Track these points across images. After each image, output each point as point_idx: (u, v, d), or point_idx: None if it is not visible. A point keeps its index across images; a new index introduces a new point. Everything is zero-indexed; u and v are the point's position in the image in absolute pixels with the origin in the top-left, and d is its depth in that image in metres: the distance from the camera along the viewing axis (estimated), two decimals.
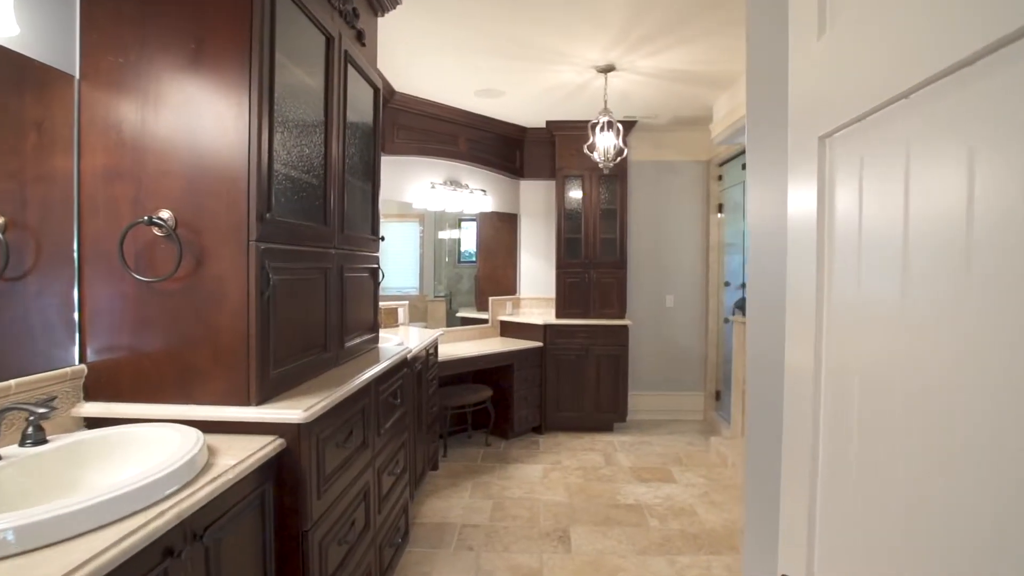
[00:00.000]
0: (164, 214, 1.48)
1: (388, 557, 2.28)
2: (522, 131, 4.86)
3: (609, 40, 2.97)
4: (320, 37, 1.87)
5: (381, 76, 3.00)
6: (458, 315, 4.79)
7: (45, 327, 1.41)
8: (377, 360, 2.20)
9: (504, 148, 4.81)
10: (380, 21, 2.61)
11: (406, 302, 4.25)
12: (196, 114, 1.47)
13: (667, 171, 5.04)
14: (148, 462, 1.22)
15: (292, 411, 1.47)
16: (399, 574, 2.50)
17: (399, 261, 4.42)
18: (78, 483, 1.21)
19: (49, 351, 1.42)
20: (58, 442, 1.24)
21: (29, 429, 1.20)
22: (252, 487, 1.34)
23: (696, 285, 5.06)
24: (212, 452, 1.33)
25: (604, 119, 3.48)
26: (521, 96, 3.98)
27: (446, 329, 4.49)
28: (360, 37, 2.25)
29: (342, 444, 1.74)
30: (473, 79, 3.64)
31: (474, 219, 4.86)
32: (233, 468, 1.24)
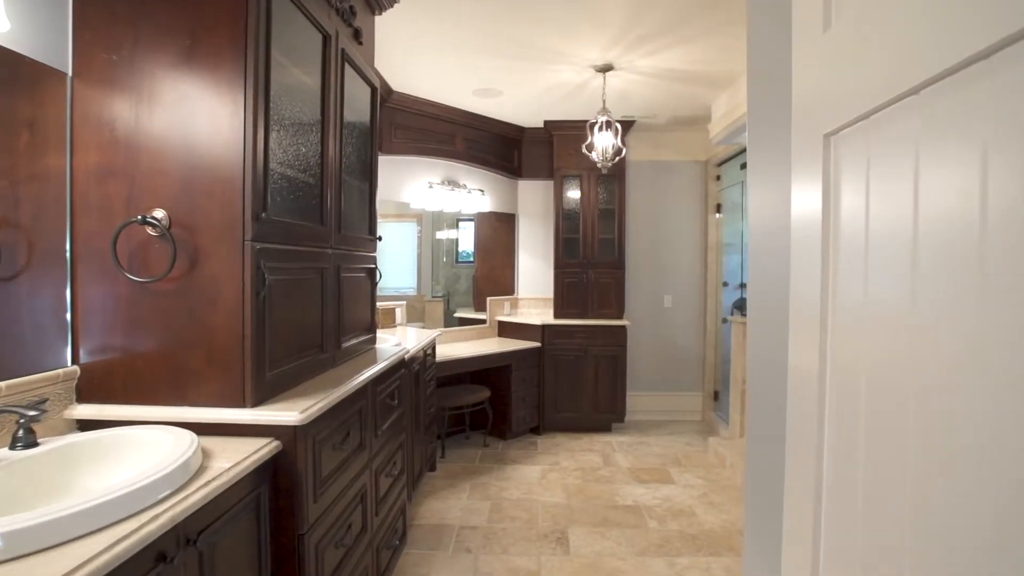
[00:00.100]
0: (158, 213, 1.46)
1: (385, 560, 2.26)
2: (520, 131, 4.85)
3: (608, 39, 2.96)
4: (317, 35, 1.86)
5: (378, 75, 2.98)
6: (456, 315, 4.77)
7: (37, 328, 1.39)
8: (374, 361, 2.18)
9: (502, 148, 4.80)
10: (377, 20, 2.59)
11: (404, 302, 4.23)
12: (191, 112, 1.45)
13: (665, 171, 5.03)
14: (142, 465, 1.20)
15: (288, 413, 1.45)
16: None
17: (397, 261, 4.40)
18: (70, 487, 1.19)
19: (41, 352, 1.40)
20: (49, 445, 1.22)
21: (19, 432, 1.18)
22: (247, 490, 1.32)
23: (694, 285, 5.05)
24: (207, 455, 1.31)
25: (603, 119, 3.47)
26: (519, 96, 3.96)
27: (444, 329, 4.47)
28: (357, 35, 2.23)
29: (339, 446, 1.72)
30: (471, 78, 3.63)
31: (472, 219, 4.84)
32: (228, 471, 1.23)
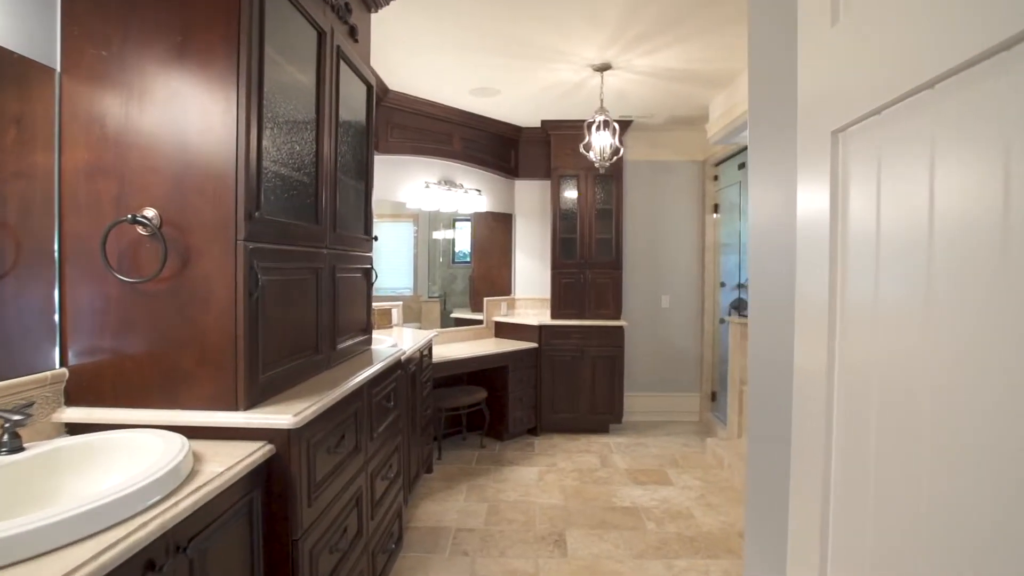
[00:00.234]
0: (149, 212, 1.43)
1: (381, 564, 2.24)
2: (517, 130, 4.82)
3: (605, 38, 2.94)
4: (311, 32, 1.83)
5: (375, 74, 2.95)
6: (452, 316, 4.75)
7: (24, 329, 1.36)
8: (370, 362, 2.15)
9: (499, 147, 4.77)
10: (374, 18, 2.57)
11: (400, 303, 4.20)
12: (182, 109, 1.42)
13: (663, 171, 5.02)
14: (131, 470, 1.17)
15: (282, 416, 1.42)
16: None
17: (393, 261, 4.37)
18: (56, 493, 1.16)
19: (28, 354, 1.37)
20: (35, 450, 1.19)
21: (4, 436, 1.15)
22: (240, 495, 1.30)
23: (692, 285, 5.04)
24: (198, 459, 1.28)
25: (600, 118, 3.45)
26: (516, 95, 3.94)
27: (440, 330, 4.44)
28: (353, 33, 2.20)
29: (334, 449, 1.69)
30: (468, 78, 3.60)
31: (469, 219, 4.81)
32: (219, 476, 1.20)
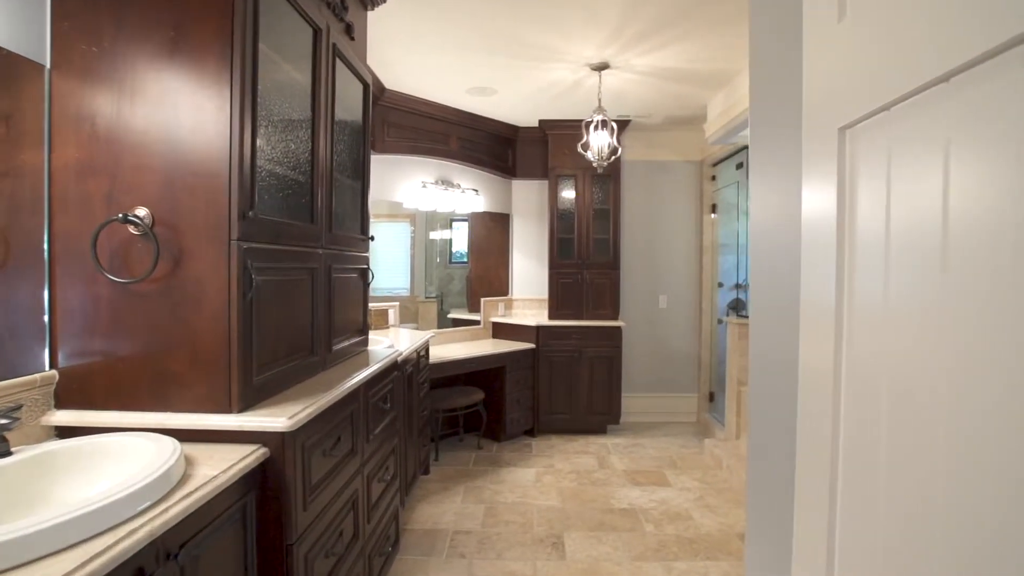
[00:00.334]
0: (140, 211, 1.40)
1: (378, 567, 2.21)
2: (514, 130, 4.80)
3: (604, 37, 2.93)
4: (307, 29, 1.80)
5: (371, 72, 2.93)
6: (449, 316, 4.72)
7: (12, 331, 1.33)
8: (366, 363, 2.13)
9: (496, 147, 4.75)
10: (370, 15, 2.54)
11: (396, 303, 4.18)
12: (174, 106, 1.40)
13: (661, 171, 5.00)
14: (121, 475, 1.15)
15: (276, 419, 1.40)
16: None
17: (389, 261, 4.34)
18: (44, 498, 1.14)
19: (16, 356, 1.34)
20: (24, 454, 1.17)
21: None
22: (233, 499, 1.27)
23: (690, 286, 5.03)
24: (190, 463, 1.26)
25: (598, 118, 3.43)
26: (514, 94, 3.92)
27: (437, 331, 4.42)
28: (349, 31, 2.18)
29: (329, 452, 1.67)
30: (465, 77, 3.58)
31: (466, 219, 4.79)
32: (212, 480, 1.17)
